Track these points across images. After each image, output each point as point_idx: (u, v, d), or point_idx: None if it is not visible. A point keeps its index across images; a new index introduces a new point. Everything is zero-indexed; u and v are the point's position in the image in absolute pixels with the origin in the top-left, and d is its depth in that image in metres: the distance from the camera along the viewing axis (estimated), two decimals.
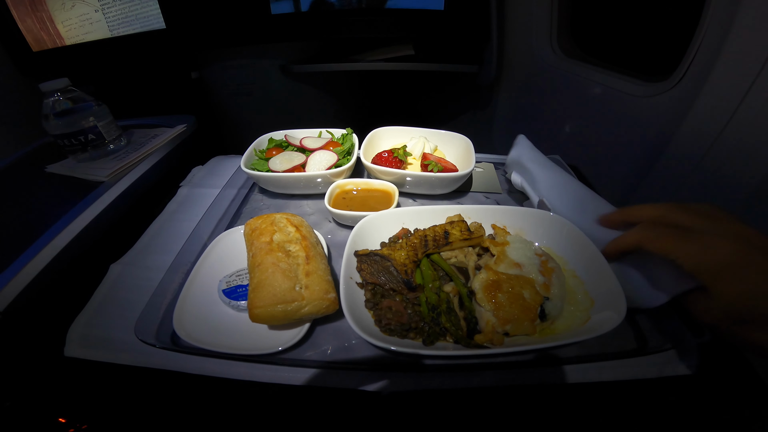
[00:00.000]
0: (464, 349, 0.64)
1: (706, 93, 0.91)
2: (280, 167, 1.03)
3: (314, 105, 2.26)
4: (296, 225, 0.78)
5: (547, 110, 1.72)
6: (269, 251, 0.71)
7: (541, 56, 1.67)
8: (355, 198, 0.99)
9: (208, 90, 2.08)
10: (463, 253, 0.77)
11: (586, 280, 0.73)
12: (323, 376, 0.67)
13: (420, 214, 0.85)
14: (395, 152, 1.02)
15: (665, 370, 0.67)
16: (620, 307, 0.62)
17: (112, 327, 0.75)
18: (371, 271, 0.72)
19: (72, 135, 1.16)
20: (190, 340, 0.66)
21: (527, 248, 0.75)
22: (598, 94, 1.36)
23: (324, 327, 0.73)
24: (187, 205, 1.11)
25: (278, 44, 2.00)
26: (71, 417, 0.66)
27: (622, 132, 1.26)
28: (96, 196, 1.03)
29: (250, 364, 0.68)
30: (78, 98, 1.18)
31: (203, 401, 0.69)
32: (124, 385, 0.71)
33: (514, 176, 1.06)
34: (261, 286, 0.66)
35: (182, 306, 0.72)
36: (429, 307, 0.67)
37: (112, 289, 0.85)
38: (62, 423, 0.65)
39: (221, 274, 0.79)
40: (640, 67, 1.25)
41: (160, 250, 0.93)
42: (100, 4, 1.67)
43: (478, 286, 0.68)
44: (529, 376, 0.67)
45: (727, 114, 0.87)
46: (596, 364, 0.68)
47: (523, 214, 0.85)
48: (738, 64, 0.84)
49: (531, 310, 0.65)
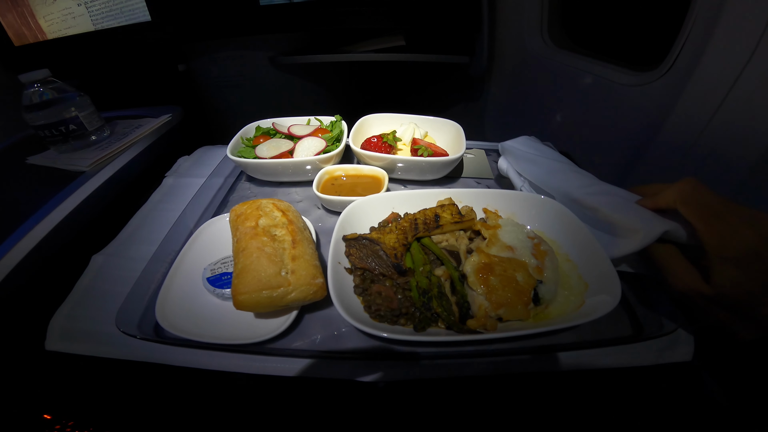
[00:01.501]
0: (457, 334, 0.62)
1: (695, 81, 0.91)
2: (267, 154, 1.00)
3: (304, 97, 2.23)
4: (283, 210, 0.76)
5: (539, 100, 1.71)
6: (254, 236, 0.68)
7: (532, 47, 1.66)
8: (344, 184, 0.97)
9: (196, 82, 2.04)
10: (454, 237, 0.76)
11: (579, 263, 0.72)
12: (312, 367, 0.65)
13: (410, 198, 0.83)
14: (384, 137, 1.00)
15: (662, 357, 0.65)
16: (615, 291, 0.61)
17: (94, 319, 0.72)
18: (360, 256, 0.70)
19: (53, 125, 1.13)
20: (173, 331, 0.64)
21: (519, 231, 0.73)
22: (588, 84, 1.36)
23: (312, 315, 0.71)
24: (172, 195, 1.08)
25: (267, 36, 1.96)
26: (56, 413, 0.63)
27: (612, 121, 1.26)
28: (76, 186, 1.00)
29: (236, 354, 0.66)
30: (58, 89, 1.15)
31: (190, 395, 0.67)
32: (109, 379, 0.68)
33: (501, 161, 1.04)
34: (245, 272, 0.64)
35: (165, 296, 0.70)
36: (420, 291, 0.65)
37: (94, 280, 0.82)
38: (47, 420, 0.63)
39: (206, 262, 0.76)
40: (629, 56, 1.25)
41: (144, 241, 0.90)
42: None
43: (469, 270, 0.66)
44: (524, 365, 0.65)
45: (716, 102, 0.87)
46: (592, 351, 0.66)
47: (515, 198, 0.83)
48: (726, 53, 0.84)
49: (524, 294, 0.64)
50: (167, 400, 0.67)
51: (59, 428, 0.62)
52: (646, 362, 0.65)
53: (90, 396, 0.67)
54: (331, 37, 2.09)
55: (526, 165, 0.96)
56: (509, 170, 1.00)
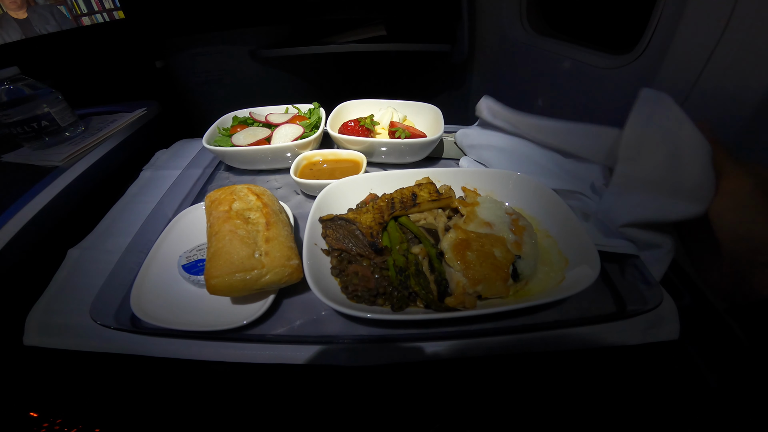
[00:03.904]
0: (435, 313, 0.62)
1: (668, 62, 0.94)
2: (243, 142, 0.99)
3: (286, 89, 2.21)
4: (257, 193, 0.75)
5: (521, 86, 1.72)
6: (227, 219, 0.67)
7: (512, 33, 1.67)
8: (323, 170, 0.96)
9: (175, 78, 2.01)
10: (432, 216, 0.75)
11: (559, 239, 0.72)
12: (292, 352, 0.64)
13: (388, 179, 0.83)
14: (362, 121, 0.99)
15: (649, 336, 0.65)
16: (594, 263, 0.61)
17: (71, 312, 0.71)
18: (337, 237, 0.69)
19: (24, 122, 1.10)
20: (148, 320, 0.63)
21: (498, 208, 0.73)
22: (567, 68, 1.38)
23: (291, 300, 0.70)
24: (149, 188, 1.06)
25: (247, 29, 1.94)
26: (42, 411, 0.62)
27: (593, 103, 1.29)
28: (50, 180, 0.98)
29: (215, 343, 0.65)
30: (29, 86, 1.13)
31: (172, 386, 0.66)
32: (92, 373, 0.67)
33: (462, 161, 1.03)
34: (217, 255, 0.62)
35: (140, 285, 0.69)
36: (397, 270, 0.65)
37: (71, 274, 0.80)
38: (34, 417, 0.61)
39: (182, 250, 0.75)
40: (607, 40, 1.27)
41: (121, 233, 0.88)
42: None
43: (446, 246, 0.66)
44: (508, 346, 0.64)
45: (690, 82, 0.90)
46: (578, 330, 0.65)
47: (493, 176, 0.83)
48: (697, 34, 0.86)
49: (502, 269, 0.63)
50: (151, 393, 0.66)
51: (47, 426, 0.60)
52: (633, 341, 0.65)
53: (75, 391, 0.66)
54: (312, 28, 2.07)
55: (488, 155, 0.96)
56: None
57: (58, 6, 1.81)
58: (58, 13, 1.83)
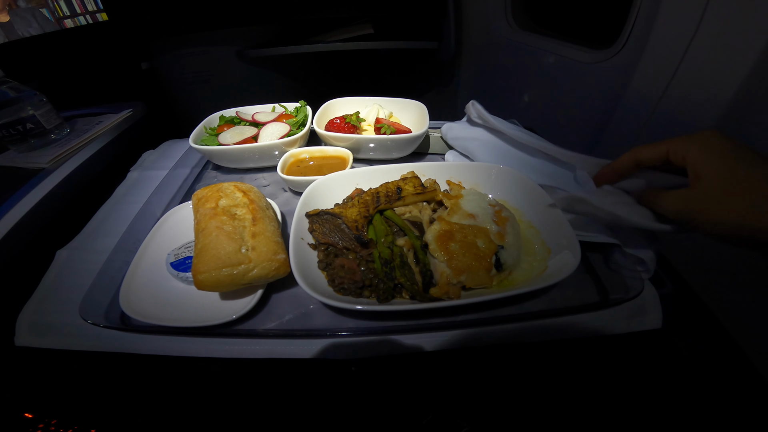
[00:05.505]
0: (420, 303, 0.63)
1: (647, 56, 0.96)
2: (230, 140, 0.99)
3: (273, 88, 2.20)
4: (244, 190, 0.75)
5: (507, 81, 1.74)
6: (213, 215, 0.68)
7: (497, 30, 1.69)
8: (310, 167, 0.97)
9: (162, 79, 2.00)
10: (417, 209, 0.76)
11: (542, 229, 0.73)
12: (283, 347, 0.65)
13: (374, 174, 0.84)
14: (348, 118, 1.00)
15: (633, 325, 0.66)
16: (575, 251, 0.63)
17: (61, 312, 0.71)
18: (323, 231, 0.70)
19: (9, 125, 1.10)
20: (137, 317, 0.63)
21: (481, 199, 0.74)
22: (551, 63, 1.41)
23: (280, 295, 0.71)
24: (137, 189, 1.06)
25: (234, 29, 1.94)
26: (37, 412, 0.62)
27: (577, 97, 1.31)
28: (36, 182, 0.98)
29: (205, 339, 0.66)
30: (13, 88, 1.12)
31: (163, 383, 0.66)
32: (85, 373, 0.67)
33: (448, 155, 1.04)
34: (204, 251, 0.63)
35: (129, 283, 0.69)
36: (382, 262, 0.66)
37: (60, 274, 0.81)
38: (29, 419, 0.61)
39: (171, 248, 0.75)
40: (589, 35, 1.29)
41: (109, 233, 0.88)
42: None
43: (430, 237, 0.67)
44: (493, 336, 0.65)
45: (668, 75, 0.92)
46: (562, 320, 0.67)
47: (477, 169, 0.84)
48: (673, 29, 0.89)
49: (485, 259, 0.65)
50: (144, 391, 0.66)
51: (42, 427, 0.60)
52: (617, 330, 0.66)
53: (69, 392, 0.66)
54: (300, 27, 2.07)
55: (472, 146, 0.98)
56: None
57: (41, 9, 1.80)
58: (40, 15, 1.82)
